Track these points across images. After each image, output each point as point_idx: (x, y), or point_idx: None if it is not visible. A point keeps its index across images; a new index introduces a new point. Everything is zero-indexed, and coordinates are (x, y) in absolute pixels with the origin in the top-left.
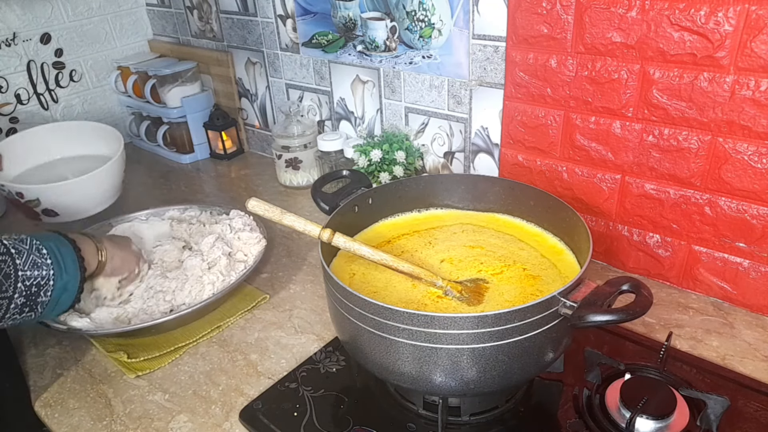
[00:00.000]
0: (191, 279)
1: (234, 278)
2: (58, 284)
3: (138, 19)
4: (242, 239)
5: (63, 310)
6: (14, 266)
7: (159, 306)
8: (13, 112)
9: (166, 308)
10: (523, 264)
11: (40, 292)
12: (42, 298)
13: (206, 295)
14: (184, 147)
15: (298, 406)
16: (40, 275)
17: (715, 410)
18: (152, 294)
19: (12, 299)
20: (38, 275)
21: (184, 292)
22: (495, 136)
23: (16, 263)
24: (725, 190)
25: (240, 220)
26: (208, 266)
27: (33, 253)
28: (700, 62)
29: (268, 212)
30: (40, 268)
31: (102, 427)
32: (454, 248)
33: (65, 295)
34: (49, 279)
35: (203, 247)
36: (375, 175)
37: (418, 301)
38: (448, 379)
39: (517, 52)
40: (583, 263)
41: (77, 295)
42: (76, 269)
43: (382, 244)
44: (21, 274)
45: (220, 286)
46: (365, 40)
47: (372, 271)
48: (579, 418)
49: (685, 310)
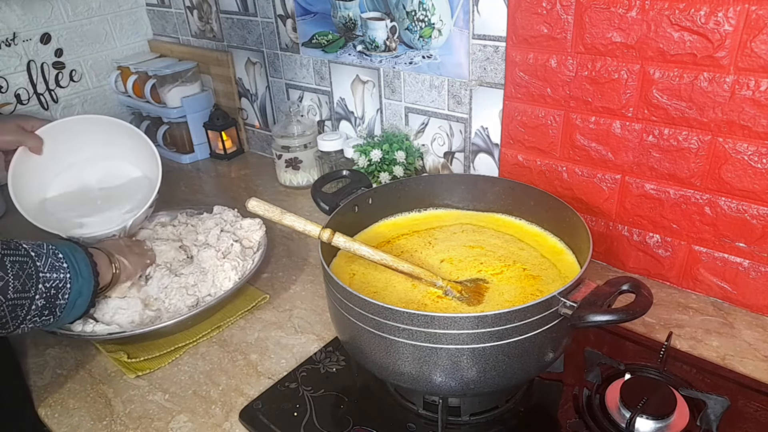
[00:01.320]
0: (210, 270)
1: (250, 265)
2: (74, 287)
3: (138, 19)
4: (244, 227)
5: (78, 315)
6: (35, 268)
7: (185, 301)
8: (13, 112)
9: (192, 302)
10: (523, 264)
11: (59, 294)
12: (60, 301)
13: (232, 282)
14: (184, 147)
15: (298, 406)
16: (58, 278)
17: (715, 410)
18: (172, 291)
19: (33, 300)
20: (57, 278)
21: (207, 283)
22: (495, 136)
23: (36, 265)
24: (725, 190)
25: (230, 213)
26: (223, 255)
27: (51, 257)
28: (700, 62)
29: (269, 212)
30: (58, 271)
31: (102, 427)
32: (454, 248)
33: (80, 300)
34: (66, 282)
35: (210, 240)
36: (375, 175)
37: (418, 301)
38: (448, 379)
39: (517, 52)
40: (583, 263)
41: (92, 299)
42: (90, 274)
43: (382, 244)
44: (42, 276)
45: (242, 271)
46: (365, 40)
47: (372, 271)
48: (579, 418)
49: (685, 310)
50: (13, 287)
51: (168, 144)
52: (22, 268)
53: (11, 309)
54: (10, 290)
